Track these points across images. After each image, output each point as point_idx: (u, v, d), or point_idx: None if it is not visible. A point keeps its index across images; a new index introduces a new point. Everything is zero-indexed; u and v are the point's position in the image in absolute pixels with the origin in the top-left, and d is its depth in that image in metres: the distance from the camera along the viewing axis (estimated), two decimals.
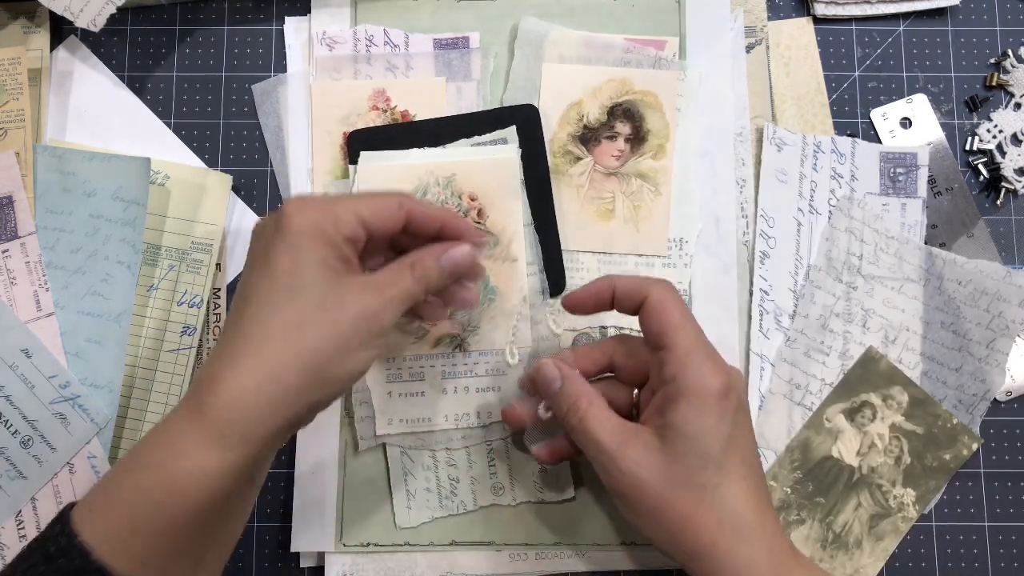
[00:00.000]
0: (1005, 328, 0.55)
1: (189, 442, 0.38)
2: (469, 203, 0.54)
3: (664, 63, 0.57)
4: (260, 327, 0.39)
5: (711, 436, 0.42)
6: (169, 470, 0.38)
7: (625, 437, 0.44)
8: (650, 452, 0.43)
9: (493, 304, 0.54)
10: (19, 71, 0.55)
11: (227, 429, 0.38)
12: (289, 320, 0.39)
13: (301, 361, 0.39)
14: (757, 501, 0.43)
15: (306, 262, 0.40)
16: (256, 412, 0.39)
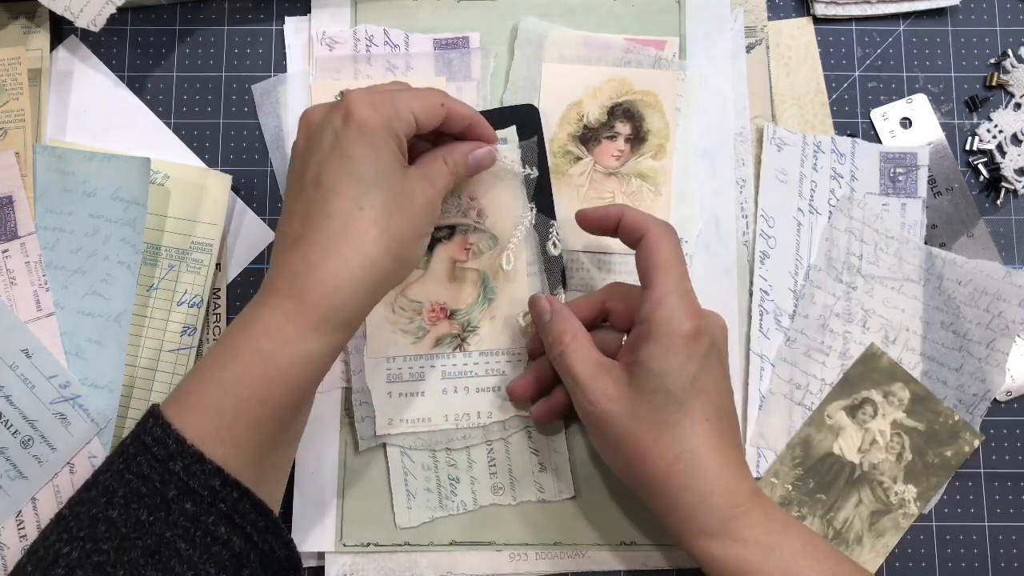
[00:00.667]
0: (1005, 328, 0.55)
1: (293, 330, 0.41)
2: (469, 202, 0.54)
3: (664, 63, 0.57)
4: (353, 218, 0.42)
5: (675, 375, 0.44)
6: (278, 359, 0.41)
7: (599, 371, 0.46)
8: (619, 386, 0.45)
9: (493, 304, 0.54)
10: (19, 71, 0.55)
11: (332, 315, 0.42)
12: (379, 210, 0.43)
13: (392, 249, 0.43)
14: (719, 442, 0.44)
15: (385, 156, 0.43)
16: (357, 298, 0.42)
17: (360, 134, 0.43)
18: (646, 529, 0.54)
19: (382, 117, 0.43)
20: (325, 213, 0.42)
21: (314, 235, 0.42)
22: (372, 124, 0.43)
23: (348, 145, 0.43)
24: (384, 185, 0.43)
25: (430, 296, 0.54)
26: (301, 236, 0.42)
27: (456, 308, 0.54)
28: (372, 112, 0.43)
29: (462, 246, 0.54)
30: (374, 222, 0.42)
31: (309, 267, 0.42)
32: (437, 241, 0.54)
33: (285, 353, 0.41)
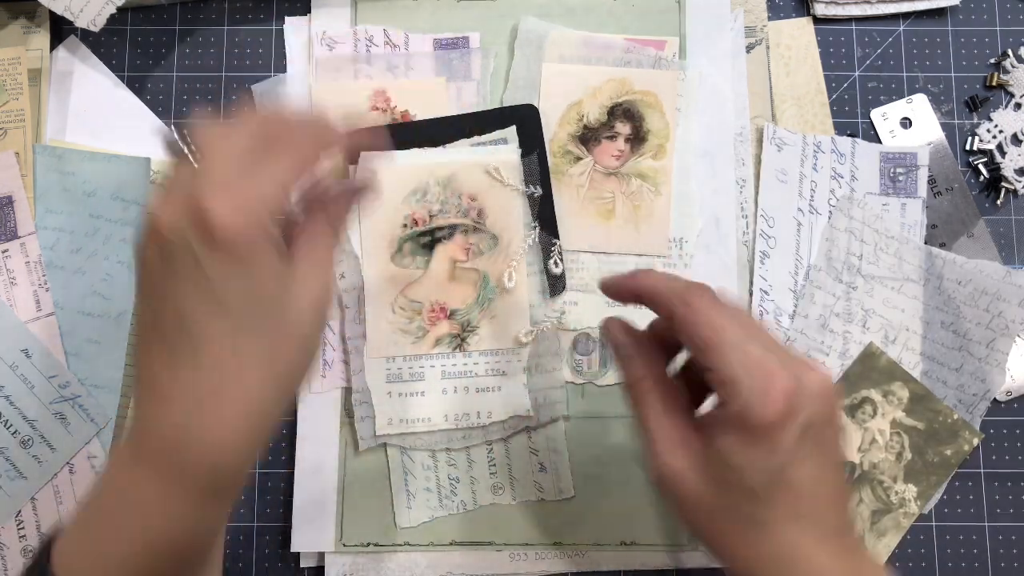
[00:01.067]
0: (1005, 328, 0.55)
1: (176, 507, 0.35)
2: (469, 203, 0.54)
3: (664, 63, 0.57)
4: (228, 367, 0.35)
5: (757, 471, 0.36)
6: (156, 537, 0.35)
7: (674, 442, 0.39)
8: (696, 468, 0.38)
9: (493, 304, 0.54)
10: (19, 71, 0.55)
11: (216, 480, 0.35)
12: (258, 349, 0.35)
13: (280, 385, 0.36)
14: (817, 543, 0.37)
15: (259, 271, 0.35)
16: (245, 450, 0.36)
17: (225, 253, 0.33)
18: (646, 529, 0.54)
19: (248, 219, 0.34)
20: (194, 364, 0.34)
21: (183, 390, 0.34)
22: (238, 234, 0.33)
23: (212, 270, 0.33)
24: (262, 313, 0.35)
25: (430, 296, 0.54)
26: (169, 392, 0.34)
27: (456, 308, 0.54)
28: (235, 216, 0.33)
29: (462, 246, 0.54)
30: (254, 366, 0.35)
31: (184, 430, 0.34)
32: (437, 241, 0.54)
33: (172, 533, 0.35)
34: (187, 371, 0.34)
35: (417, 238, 0.54)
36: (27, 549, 0.52)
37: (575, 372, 0.55)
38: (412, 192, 0.54)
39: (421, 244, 0.54)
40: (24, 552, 0.52)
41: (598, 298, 0.55)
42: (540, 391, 0.54)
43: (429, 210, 0.54)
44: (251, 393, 0.35)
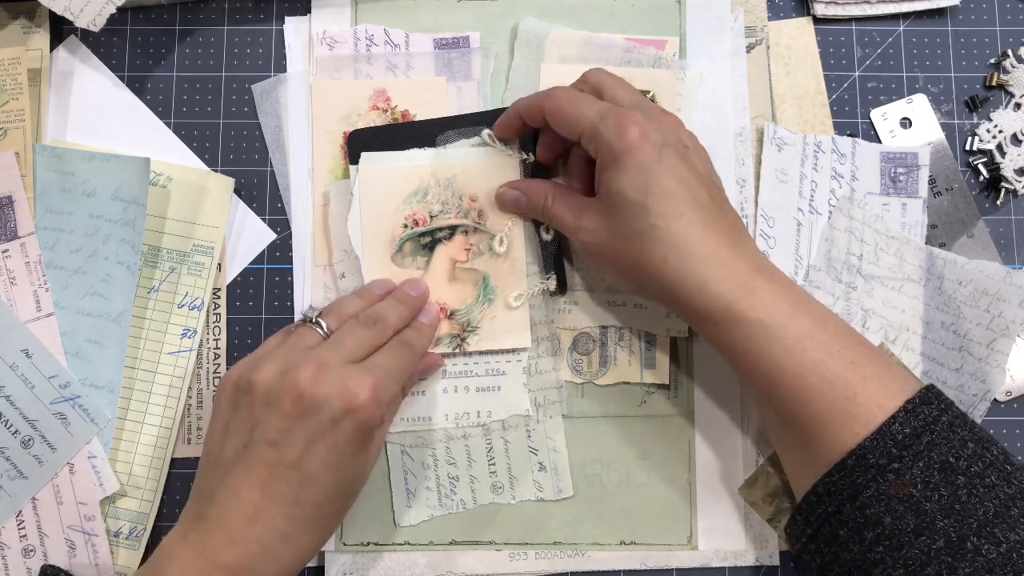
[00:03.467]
0: (1005, 328, 0.55)
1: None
2: (470, 204, 0.54)
3: (664, 63, 0.57)
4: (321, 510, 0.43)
5: (632, 187, 0.45)
6: None
7: (579, 212, 0.49)
8: (598, 217, 0.47)
9: (493, 304, 0.54)
10: (19, 71, 0.55)
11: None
12: (346, 498, 0.45)
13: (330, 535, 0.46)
14: (703, 230, 0.44)
15: (370, 453, 0.45)
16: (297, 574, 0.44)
17: (357, 430, 0.43)
18: (646, 529, 0.54)
19: (381, 414, 0.44)
20: (296, 500, 0.42)
21: (277, 519, 0.42)
22: (372, 425, 0.43)
23: (343, 443, 0.43)
24: (356, 480, 0.45)
25: (430, 296, 0.54)
26: (264, 513, 0.42)
27: (456, 308, 0.54)
28: (375, 410, 0.43)
29: (462, 247, 0.54)
30: (336, 512, 0.45)
31: (266, 553, 0.42)
32: (438, 242, 0.54)
33: None
34: (288, 502, 0.42)
35: (417, 238, 0.54)
36: (27, 549, 0.52)
37: (575, 372, 0.55)
38: (413, 192, 0.54)
39: (421, 244, 0.54)
40: (24, 552, 0.52)
41: (598, 298, 0.55)
42: (540, 391, 0.54)
43: (430, 211, 0.54)
44: (322, 531, 0.44)
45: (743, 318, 0.44)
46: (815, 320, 0.44)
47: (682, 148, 0.46)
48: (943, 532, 0.40)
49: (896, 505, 0.41)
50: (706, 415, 0.55)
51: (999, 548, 0.39)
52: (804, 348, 0.43)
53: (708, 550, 0.54)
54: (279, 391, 0.43)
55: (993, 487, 0.41)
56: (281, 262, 0.56)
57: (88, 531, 0.52)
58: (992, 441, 0.43)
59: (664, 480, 0.55)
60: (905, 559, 0.41)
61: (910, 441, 0.41)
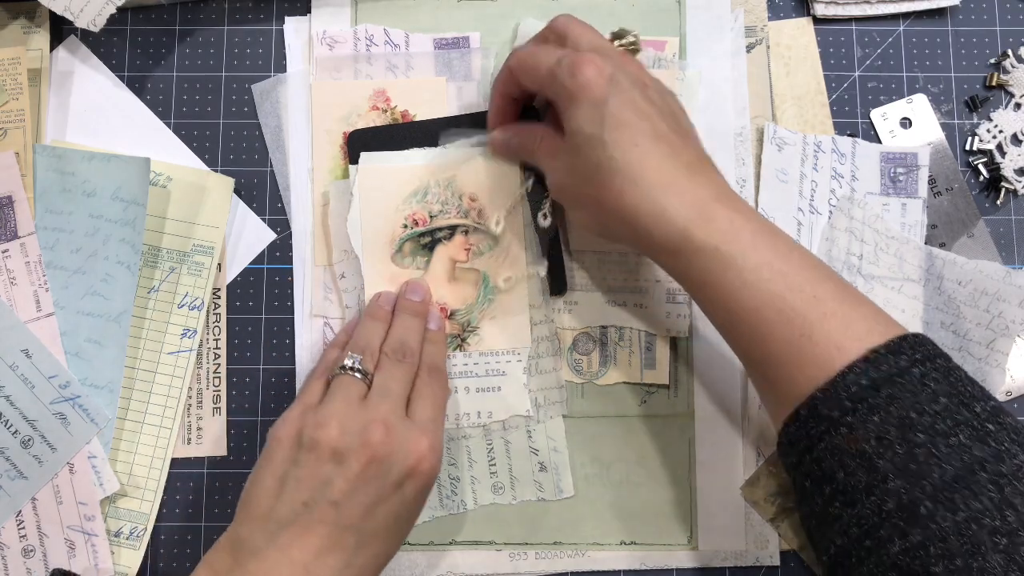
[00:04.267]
0: (1005, 328, 0.55)
1: None
2: (470, 204, 0.54)
3: (664, 63, 0.57)
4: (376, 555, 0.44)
5: (588, 122, 0.44)
6: None
7: (554, 153, 0.48)
8: (564, 158, 0.47)
9: (493, 304, 0.54)
10: (19, 71, 0.55)
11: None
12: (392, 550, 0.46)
13: None
14: (660, 161, 0.43)
15: (424, 498, 0.46)
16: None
17: (419, 493, 0.45)
18: (646, 529, 0.54)
19: (439, 463, 0.46)
20: (348, 563, 0.42)
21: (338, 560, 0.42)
22: (432, 482, 0.45)
23: (405, 503, 0.44)
24: (408, 533, 0.47)
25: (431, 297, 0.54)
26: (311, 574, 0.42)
27: (456, 308, 0.54)
28: (435, 468, 0.45)
29: (462, 247, 0.54)
30: (380, 567, 0.45)
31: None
32: (437, 242, 0.54)
33: None
34: (340, 564, 0.42)
35: (417, 238, 0.54)
36: (27, 549, 0.52)
37: (575, 372, 0.55)
38: (413, 192, 0.54)
39: (421, 244, 0.54)
40: (24, 552, 0.52)
41: (599, 297, 0.55)
42: (540, 390, 0.54)
43: (430, 211, 0.54)
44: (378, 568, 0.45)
45: (701, 246, 0.42)
46: (778, 251, 0.42)
47: (641, 85, 0.46)
48: (894, 493, 0.37)
49: (848, 460, 0.38)
50: (706, 415, 0.55)
51: (956, 516, 0.36)
52: (762, 279, 0.41)
53: (708, 550, 0.54)
54: (349, 452, 0.43)
55: (959, 448, 0.37)
56: (281, 262, 0.56)
57: (88, 531, 0.52)
58: (980, 397, 0.39)
59: (664, 480, 0.55)
60: (858, 518, 0.38)
61: (866, 394, 0.38)
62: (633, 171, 0.43)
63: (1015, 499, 0.36)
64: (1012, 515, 0.36)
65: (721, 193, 0.44)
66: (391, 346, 0.48)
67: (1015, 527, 0.35)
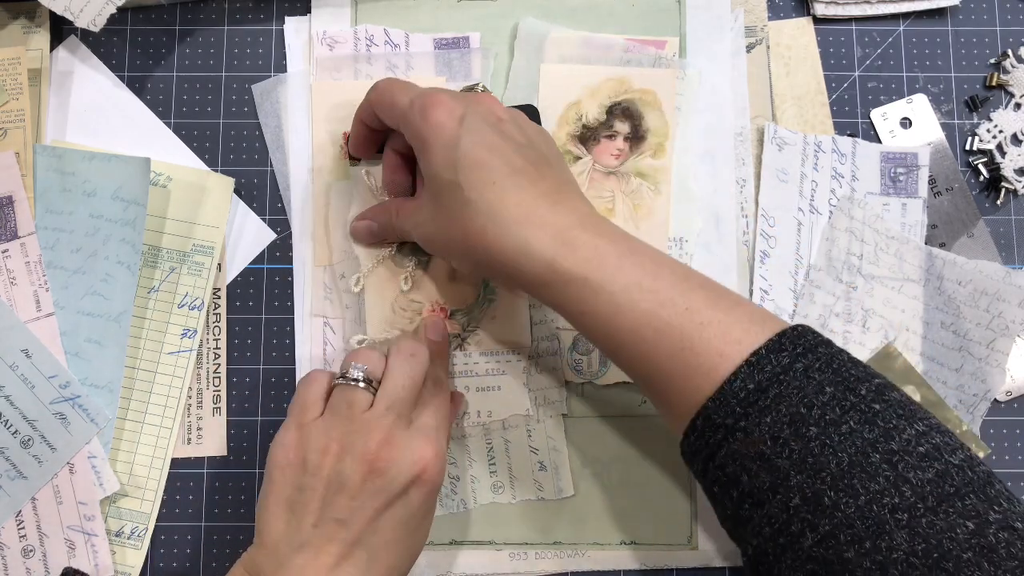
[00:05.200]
0: (1005, 328, 0.55)
1: None
2: None
3: (664, 63, 0.57)
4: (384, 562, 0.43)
5: (443, 167, 0.44)
6: None
7: (411, 211, 0.48)
8: (425, 210, 0.47)
9: (493, 304, 0.54)
10: (19, 71, 0.55)
11: None
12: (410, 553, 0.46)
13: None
14: (519, 195, 0.43)
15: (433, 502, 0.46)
16: None
17: (424, 501, 0.44)
18: (646, 529, 0.54)
19: (443, 470, 0.45)
20: (372, 556, 0.43)
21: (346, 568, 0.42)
22: (437, 489, 0.45)
23: (413, 512, 0.44)
24: (418, 548, 0.46)
25: (430, 296, 0.54)
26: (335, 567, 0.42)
27: (456, 308, 0.54)
28: (440, 475, 0.45)
29: None
30: (404, 564, 0.45)
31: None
32: None
33: None
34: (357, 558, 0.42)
35: None
36: (27, 549, 0.52)
37: (575, 372, 0.55)
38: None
39: None
40: (24, 552, 0.52)
41: None
42: (540, 390, 0.54)
43: None
44: None
45: (569, 276, 0.42)
46: (646, 270, 0.42)
47: (494, 120, 0.45)
48: (798, 488, 0.38)
49: (749, 464, 0.39)
50: None
51: (857, 500, 0.37)
52: (634, 301, 0.41)
53: (708, 550, 0.54)
54: (352, 470, 0.43)
55: (851, 434, 0.38)
56: (281, 262, 0.56)
57: (88, 531, 0.52)
58: (864, 378, 0.40)
59: (664, 480, 0.55)
60: (768, 517, 0.39)
61: (755, 397, 0.39)
62: (492, 209, 0.43)
63: (908, 473, 0.37)
64: (908, 489, 0.36)
65: (584, 219, 0.44)
66: (401, 349, 0.47)
67: (912, 501, 0.36)
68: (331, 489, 0.43)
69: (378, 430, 0.44)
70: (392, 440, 0.43)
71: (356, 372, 0.46)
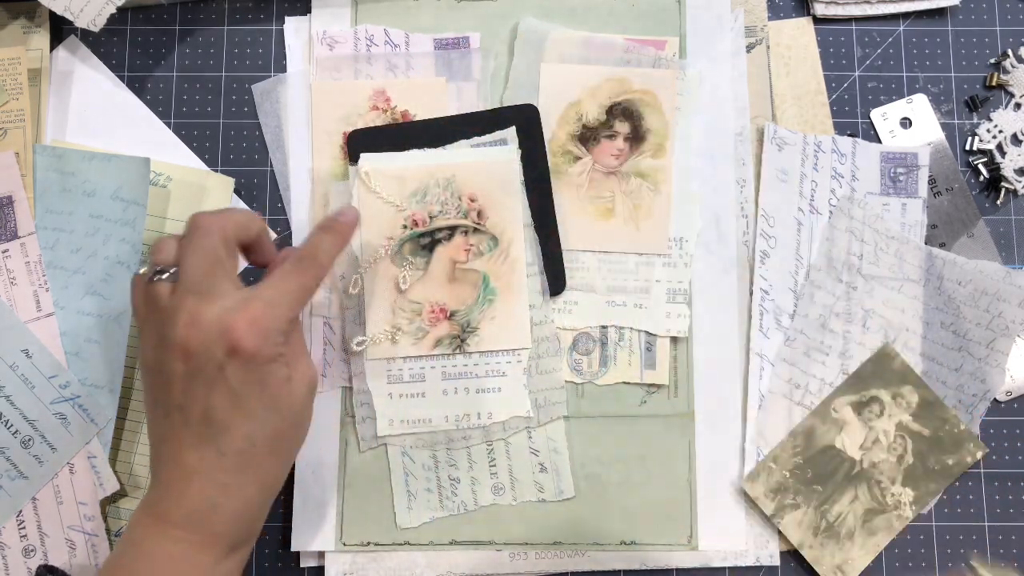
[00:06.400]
0: (1005, 328, 0.55)
1: (206, 560, 0.43)
2: (469, 204, 0.54)
3: (664, 63, 0.57)
4: (249, 455, 0.43)
5: None
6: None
7: None
8: None
9: (493, 305, 0.54)
10: (19, 71, 0.55)
11: (239, 538, 0.44)
12: (271, 439, 0.44)
13: (285, 462, 0.46)
14: None
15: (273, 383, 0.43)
16: (260, 517, 0.45)
17: (247, 370, 0.42)
18: (646, 529, 0.54)
19: (269, 345, 0.42)
20: (219, 451, 0.42)
21: (210, 471, 0.42)
22: (260, 357, 0.42)
23: (236, 382, 0.42)
24: (274, 415, 0.43)
25: (430, 297, 0.54)
26: (196, 470, 0.42)
27: (456, 309, 0.54)
28: (260, 343, 0.42)
29: (462, 247, 0.54)
30: (269, 451, 0.44)
31: (212, 506, 0.42)
32: (437, 242, 0.54)
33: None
34: (212, 455, 0.42)
35: (417, 239, 0.54)
36: (27, 549, 0.52)
37: (575, 372, 0.55)
38: (412, 193, 0.54)
39: (421, 245, 0.54)
40: (25, 552, 0.52)
41: (598, 298, 0.55)
42: (540, 391, 0.54)
43: (429, 211, 0.54)
44: (265, 474, 0.44)
45: None
46: None
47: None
48: None
49: None
50: (706, 415, 0.55)
51: None
52: None
53: (708, 550, 0.54)
54: (168, 359, 0.42)
55: None
56: None
57: (88, 531, 0.52)
58: None
59: (664, 480, 0.55)
60: None
61: None
62: None
63: None
64: None
65: None
66: (187, 228, 0.45)
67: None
68: (165, 381, 0.43)
69: (180, 313, 0.42)
70: (196, 320, 0.42)
71: (146, 270, 0.45)
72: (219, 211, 0.45)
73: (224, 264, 0.44)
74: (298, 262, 0.45)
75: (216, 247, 0.44)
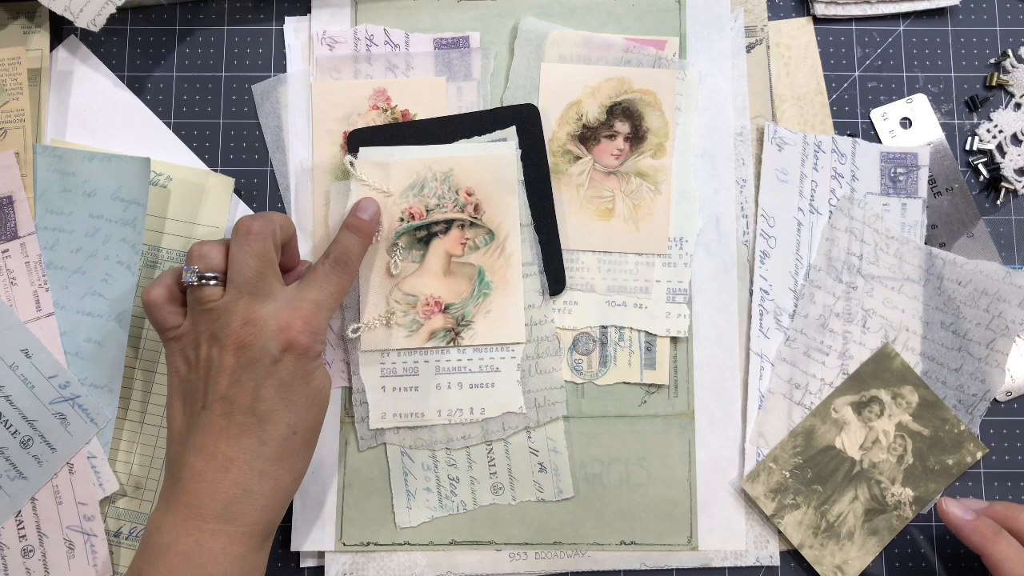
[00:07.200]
0: (1005, 328, 0.55)
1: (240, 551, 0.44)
2: (466, 198, 0.54)
3: (664, 63, 0.57)
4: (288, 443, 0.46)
5: None
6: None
7: None
8: None
9: (488, 299, 0.54)
10: (19, 71, 0.55)
11: (270, 528, 0.46)
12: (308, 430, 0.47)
13: (313, 452, 0.49)
14: None
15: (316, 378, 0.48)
16: (287, 502, 0.47)
17: (298, 364, 0.46)
18: (646, 529, 0.54)
19: (318, 343, 0.47)
20: (261, 440, 0.45)
21: (249, 459, 0.45)
22: (312, 353, 0.46)
23: (286, 375, 0.46)
24: (313, 407, 0.47)
25: (425, 290, 0.54)
26: (234, 459, 0.45)
27: (451, 302, 0.54)
28: (311, 340, 0.46)
29: (458, 241, 0.54)
30: (304, 441, 0.47)
31: (247, 493, 0.45)
32: (433, 236, 0.54)
33: (236, 572, 0.44)
34: (253, 443, 0.45)
35: (413, 232, 0.54)
36: (27, 549, 0.52)
37: (575, 372, 0.55)
38: (410, 186, 0.54)
39: (417, 238, 0.54)
40: (24, 552, 0.52)
41: (598, 298, 0.55)
42: (540, 391, 0.54)
43: (426, 204, 0.54)
44: (300, 463, 0.47)
45: None
46: None
47: None
48: None
49: None
50: (706, 415, 0.55)
51: None
52: None
53: (708, 550, 0.54)
54: (219, 355, 0.45)
55: None
56: None
57: (87, 531, 0.52)
58: None
59: (664, 480, 0.55)
60: None
61: None
62: None
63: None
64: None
65: None
66: (236, 231, 0.48)
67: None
68: (211, 374, 0.46)
69: (235, 313, 0.46)
70: (252, 318, 0.45)
71: (189, 276, 0.47)
72: (264, 215, 0.48)
73: (274, 266, 0.48)
74: (335, 265, 0.49)
75: (268, 250, 0.47)
